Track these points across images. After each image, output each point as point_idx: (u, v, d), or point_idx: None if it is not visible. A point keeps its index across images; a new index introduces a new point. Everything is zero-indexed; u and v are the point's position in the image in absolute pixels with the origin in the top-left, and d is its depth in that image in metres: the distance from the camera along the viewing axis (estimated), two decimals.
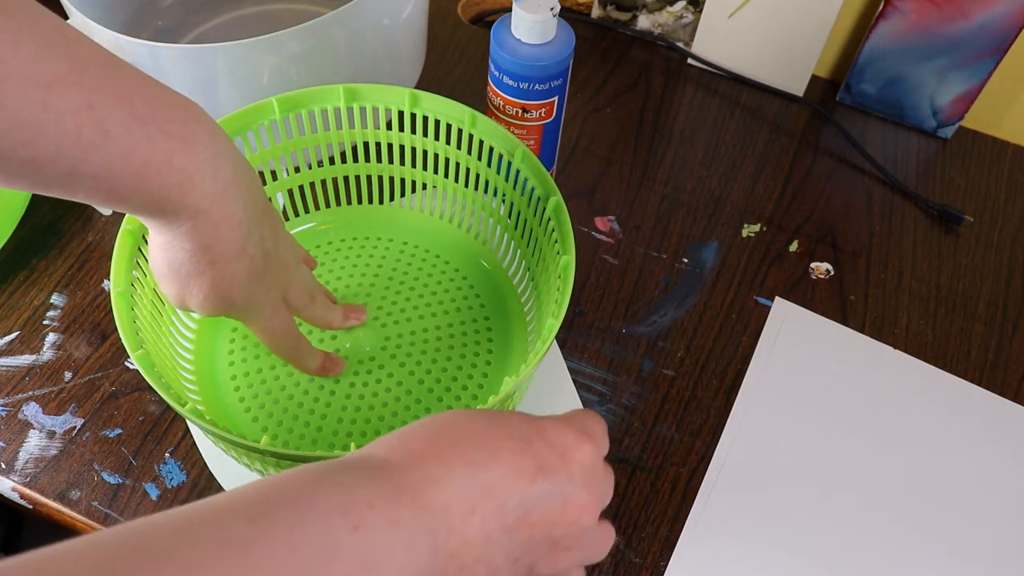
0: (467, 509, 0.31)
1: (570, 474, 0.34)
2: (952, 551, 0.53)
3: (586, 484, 0.35)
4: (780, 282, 0.65)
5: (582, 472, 0.35)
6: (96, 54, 0.35)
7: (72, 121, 0.34)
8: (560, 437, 0.35)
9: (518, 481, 0.32)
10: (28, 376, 0.56)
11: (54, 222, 0.64)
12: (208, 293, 0.42)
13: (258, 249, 0.43)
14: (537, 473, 0.33)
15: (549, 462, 0.34)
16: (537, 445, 0.34)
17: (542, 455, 0.34)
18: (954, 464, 0.57)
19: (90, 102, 0.34)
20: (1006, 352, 0.63)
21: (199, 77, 0.58)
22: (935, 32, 0.70)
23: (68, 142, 0.34)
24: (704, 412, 0.58)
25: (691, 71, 0.79)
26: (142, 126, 0.36)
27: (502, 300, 0.60)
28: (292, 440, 0.53)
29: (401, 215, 0.64)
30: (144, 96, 0.36)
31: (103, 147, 0.35)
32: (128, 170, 0.36)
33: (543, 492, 0.33)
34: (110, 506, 0.52)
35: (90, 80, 0.34)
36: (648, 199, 0.69)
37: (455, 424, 0.34)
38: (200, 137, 0.38)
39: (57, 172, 0.35)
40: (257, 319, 0.46)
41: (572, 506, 0.34)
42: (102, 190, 0.36)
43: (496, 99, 0.59)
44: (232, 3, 0.76)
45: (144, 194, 0.37)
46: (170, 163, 0.37)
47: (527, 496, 0.32)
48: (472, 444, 0.32)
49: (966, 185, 0.73)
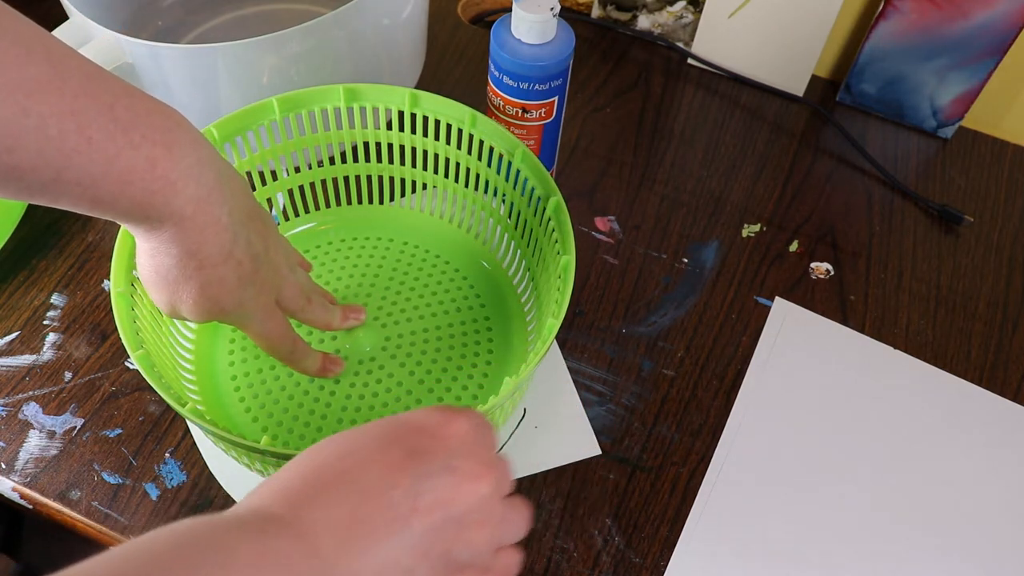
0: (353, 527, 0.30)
1: (448, 449, 0.34)
2: (952, 551, 0.53)
3: (470, 454, 0.34)
4: (780, 282, 0.65)
5: (461, 444, 0.34)
6: (78, 63, 0.35)
7: (55, 127, 0.34)
8: (426, 419, 0.35)
9: (394, 474, 0.32)
10: (28, 376, 0.56)
11: (54, 222, 0.64)
12: (197, 298, 0.42)
13: (245, 253, 0.43)
14: (410, 459, 0.33)
15: (422, 444, 0.33)
16: (404, 435, 0.34)
17: (412, 441, 0.33)
18: (954, 464, 0.57)
19: (73, 108, 0.34)
20: (1006, 352, 0.63)
21: (199, 77, 0.58)
22: (935, 32, 0.70)
23: (51, 148, 0.34)
24: (704, 412, 0.58)
25: (691, 71, 0.79)
26: (125, 133, 0.36)
27: (502, 300, 0.60)
28: (292, 440, 0.53)
29: (401, 215, 0.64)
30: (126, 104, 0.36)
31: (86, 153, 0.35)
32: (111, 176, 0.36)
33: (425, 473, 0.32)
34: (110, 506, 0.52)
35: (72, 87, 0.34)
36: (648, 199, 0.69)
37: (319, 452, 0.33)
38: (183, 144, 0.38)
39: (40, 179, 0.35)
40: (250, 323, 0.46)
41: (462, 478, 0.33)
42: (86, 197, 0.36)
43: (496, 99, 0.59)
44: (232, 3, 0.76)
45: (127, 200, 0.37)
46: (153, 169, 0.37)
47: (410, 485, 0.32)
48: (340, 462, 0.32)
49: (966, 185, 0.73)
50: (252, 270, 0.44)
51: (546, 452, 0.55)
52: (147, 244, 0.41)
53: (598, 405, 0.57)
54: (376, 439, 0.33)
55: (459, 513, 0.33)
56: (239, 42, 0.55)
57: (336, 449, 0.33)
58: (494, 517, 0.34)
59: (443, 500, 0.33)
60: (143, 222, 0.39)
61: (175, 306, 0.43)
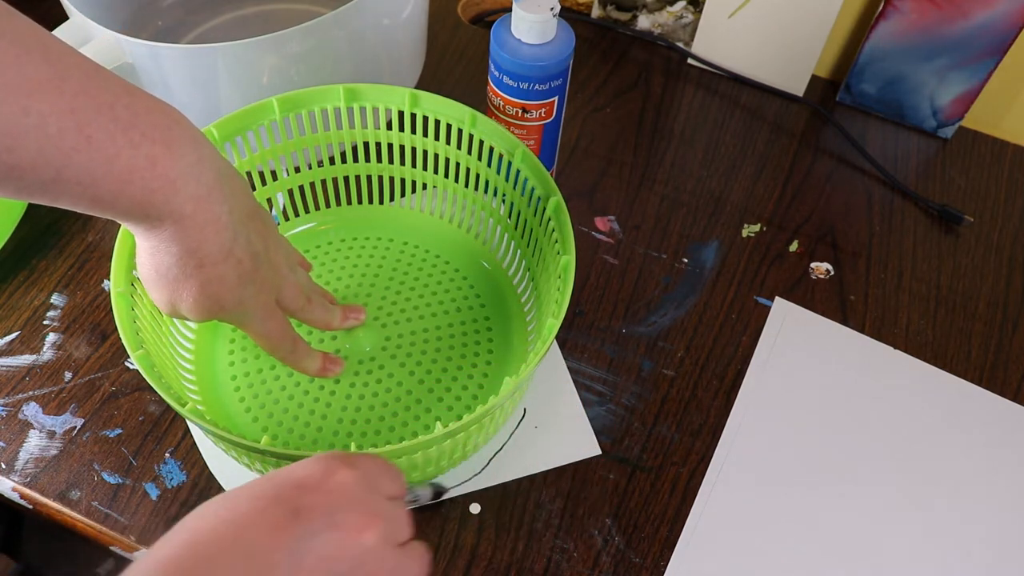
0: None
1: (330, 504, 0.33)
2: (952, 551, 0.53)
3: (354, 505, 0.34)
4: (780, 282, 0.65)
5: (344, 495, 0.34)
6: (78, 61, 0.35)
7: (55, 126, 0.34)
8: (308, 473, 0.34)
9: (277, 537, 0.31)
10: (28, 376, 0.56)
11: (54, 222, 0.64)
12: (197, 297, 0.42)
13: (245, 252, 0.43)
14: (293, 518, 0.32)
15: (304, 502, 0.33)
16: (286, 494, 0.33)
17: (293, 500, 0.33)
18: (954, 464, 0.57)
19: (72, 107, 0.34)
20: (1006, 352, 0.63)
21: (199, 77, 0.58)
22: (935, 32, 0.70)
23: (51, 147, 0.34)
24: (704, 412, 0.58)
25: (691, 71, 0.79)
26: (125, 132, 0.36)
27: (502, 300, 0.60)
28: (292, 440, 0.53)
29: (401, 215, 0.64)
30: (126, 102, 0.36)
31: (86, 152, 0.35)
32: (111, 175, 0.36)
33: (307, 532, 0.32)
34: (110, 506, 0.52)
35: (72, 86, 0.34)
36: (648, 199, 0.69)
37: (203, 518, 0.33)
38: (183, 142, 0.38)
39: (40, 178, 0.35)
40: (250, 322, 0.46)
41: (346, 532, 0.33)
42: (86, 196, 0.36)
43: (496, 99, 0.59)
44: (232, 3, 0.76)
45: (127, 199, 0.37)
46: (153, 168, 0.37)
47: (294, 546, 0.31)
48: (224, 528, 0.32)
49: (966, 185, 0.73)
50: (252, 268, 0.44)
51: (546, 452, 0.55)
52: (147, 243, 0.41)
53: (598, 405, 0.57)
54: (256, 500, 0.33)
55: (346, 569, 0.33)
56: (239, 42, 0.55)
57: (219, 514, 0.33)
58: (385, 566, 0.34)
59: (327, 557, 0.32)
60: (143, 221, 0.39)
61: (175, 305, 0.43)
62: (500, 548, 0.52)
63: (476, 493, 0.53)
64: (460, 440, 0.46)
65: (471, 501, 0.53)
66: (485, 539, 0.52)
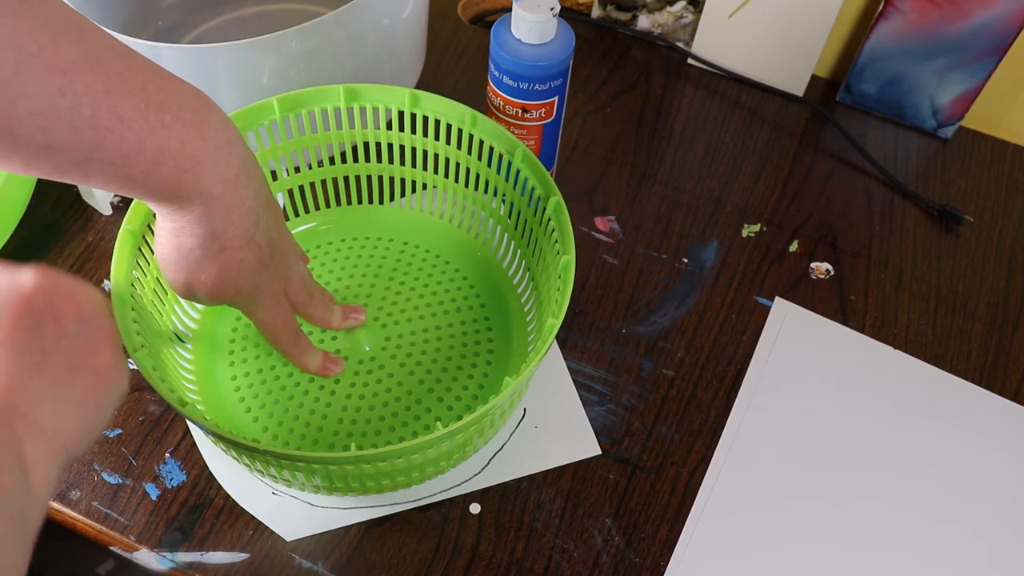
0: None
1: None
2: (952, 551, 0.53)
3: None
4: (780, 282, 0.65)
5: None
6: (110, 43, 0.35)
7: (89, 106, 0.34)
8: None
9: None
10: None
11: (54, 222, 0.64)
12: (217, 280, 0.43)
13: (265, 238, 0.43)
14: None
15: None
16: None
17: None
18: (954, 464, 0.57)
19: (107, 88, 0.34)
20: (1006, 352, 0.63)
21: (199, 77, 0.57)
22: (935, 32, 0.70)
23: (84, 127, 0.34)
24: (704, 412, 0.58)
25: (691, 71, 0.79)
26: (157, 113, 0.36)
27: (502, 300, 0.60)
28: (292, 440, 0.53)
29: (401, 215, 0.64)
30: (158, 84, 0.36)
31: (119, 132, 0.35)
32: (143, 155, 0.36)
33: None
34: (110, 506, 0.52)
35: (105, 67, 0.34)
36: (648, 199, 0.69)
37: None
38: (212, 125, 0.38)
39: (73, 158, 0.35)
40: (260, 309, 0.47)
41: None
42: (118, 176, 0.37)
43: (496, 99, 0.59)
44: (232, 3, 0.76)
45: (158, 179, 0.37)
46: (184, 149, 0.37)
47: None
48: None
49: (966, 185, 0.73)
50: (269, 255, 0.44)
51: (546, 452, 0.55)
52: (172, 224, 0.41)
53: (598, 405, 0.57)
54: None
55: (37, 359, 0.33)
56: (239, 42, 0.55)
57: None
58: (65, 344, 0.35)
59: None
60: (172, 201, 0.39)
61: (192, 287, 0.43)
62: (500, 548, 0.52)
63: (476, 493, 0.53)
64: (460, 440, 0.46)
65: (471, 501, 0.53)
66: (485, 539, 0.52)
